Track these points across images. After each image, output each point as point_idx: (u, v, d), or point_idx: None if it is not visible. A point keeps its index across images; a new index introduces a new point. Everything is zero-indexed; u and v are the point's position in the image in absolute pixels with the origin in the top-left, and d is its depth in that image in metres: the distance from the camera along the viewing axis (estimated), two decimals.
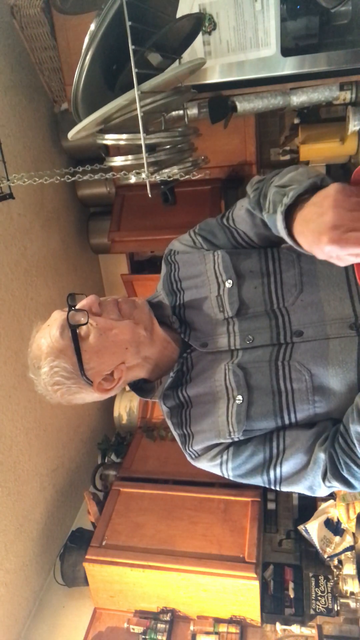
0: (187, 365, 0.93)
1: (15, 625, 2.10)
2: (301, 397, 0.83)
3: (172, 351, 0.95)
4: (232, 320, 0.89)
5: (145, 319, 0.91)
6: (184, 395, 0.92)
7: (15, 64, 2.07)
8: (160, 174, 1.01)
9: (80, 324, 0.84)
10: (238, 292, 0.89)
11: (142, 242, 2.47)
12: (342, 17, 1.46)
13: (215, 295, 0.91)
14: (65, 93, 2.18)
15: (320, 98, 1.77)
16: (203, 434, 0.89)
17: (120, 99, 0.87)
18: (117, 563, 1.98)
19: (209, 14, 1.45)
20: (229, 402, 0.86)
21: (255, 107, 1.77)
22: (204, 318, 0.92)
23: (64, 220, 2.58)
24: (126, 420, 2.84)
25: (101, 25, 0.81)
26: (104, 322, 0.86)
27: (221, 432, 0.86)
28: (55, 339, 0.85)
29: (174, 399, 0.93)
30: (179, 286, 0.97)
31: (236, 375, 0.86)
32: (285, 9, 1.40)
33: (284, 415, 0.84)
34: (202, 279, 0.94)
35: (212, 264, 0.93)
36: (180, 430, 0.92)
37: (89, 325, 0.85)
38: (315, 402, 0.83)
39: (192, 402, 0.92)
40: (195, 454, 0.91)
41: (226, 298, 0.90)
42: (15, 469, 2.07)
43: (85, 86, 0.89)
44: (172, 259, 1.00)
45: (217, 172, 2.37)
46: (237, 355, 0.88)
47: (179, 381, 0.94)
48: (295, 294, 0.87)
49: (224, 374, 0.88)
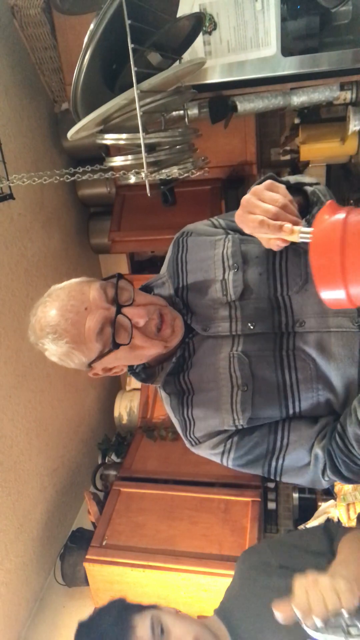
0: (189, 351, 0.92)
1: (15, 625, 2.10)
2: (306, 386, 0.83)
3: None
4: (235, 304, 0.88)
5: (176, 340, 0.90)
6: (185, 381, 0.91)
7: (15, 64, 2.07)
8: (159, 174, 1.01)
9: (123, 343, 0.81)
10: (243, 276, 0.88)
11: (143, 242, 2.47)
12: (343, 17, 1.46)
13: (220, 279, 0.90)
14: (65, 93, 2.19)
15: (320, 98, 1.77)
16: (206, 421, 0.88)
17: (119, 98, 0.87)
18: (117, 563, 1.98)
19: (209, 13, 1.45)
20: (234, 390, 0.85)
21: (255, 107, 1.77)
22: (207, 301, 0.91)
23: (64, 220, 2.58)
24: (126, 420, 2.84)
25: (100, 23, 0.81)
26: (142, 341, 0.84)
27: (225, 420, 0.85)
28: (90, 332, 0.80)
29: (175, 385, 0.92)
30: (184, 268, 0.96)
31: (242, 364, 0.85)
32: (285, 9, 1.40)
33: (289, 404, 0.84)
34: (208, 263, 0.93)
35: (222, 248, 0.93)
36: (181, 416, 0.91)
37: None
38: (319, 390, 0.83)
39: (193, 388, 0.91)
40: (196, 440, 0.90)
41: (230, 282, 0.89)
42: (15, 469, 2.07)
43: (85, 85, 0.89)
44: (184, 241, 0.99)
45: (218, 172, 2.37)
46: (238, 342, 0.87)
47: (180, 367, 0.92)
48: (300, 283, 0.86)
49: (228, 361, 0.86)
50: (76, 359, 0.83)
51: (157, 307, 0.87)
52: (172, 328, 0.87)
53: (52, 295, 0.87)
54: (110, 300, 0.83)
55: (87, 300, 0.82)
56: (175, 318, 0.89)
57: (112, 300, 0.83)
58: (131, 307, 0.82)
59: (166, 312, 0.88)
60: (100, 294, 0.82)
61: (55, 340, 0.81)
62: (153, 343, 0.85)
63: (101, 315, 0.80)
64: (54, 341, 0.81)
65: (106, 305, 0.82)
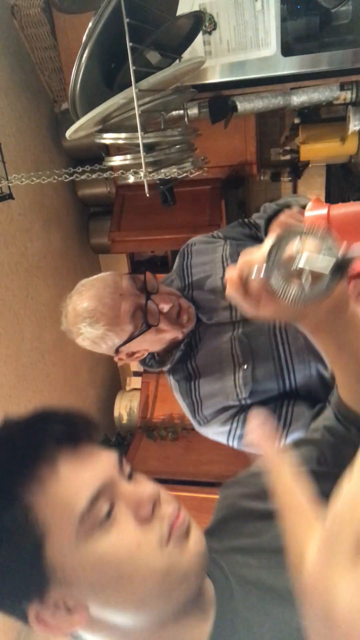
0: (195, 339, 1.05)
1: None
2: (298, 358, 0.95)
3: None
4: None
5: (190, 326, 1.03)
6: (192, 366, 1.04)
7: (15, 64, 2.07)
8: (158, 174, 1.00)
9: (153, 324, 0.93)
10: None
11: (143, 242, 2.47)
12: (343, 16, 1.46)
13: (220, 276, 1.04)
14: (65, 93, 2.18)
15: (320, 98, 1.77)
16: (212, 399, 0.98)
17: (118, 96, 0.87)
18: None
19: (209, 13, 1.45)
20: (236, 367, 0.97)
21: (255, 107, 1.77)
22: (210, 296, 1.05)
23: (64, 220, 2.58)
24: (126, 420, 2.84)
25: (99, 22, 0.81)
26: (165, 325, 0.97)
27: (229, 395, 0.96)
28: (125, 314, 0.92)
29: (183, 371, 1.04)
30: (189, 272, 1.11)
31: (242, 343, 0.98)
32: (285, 9, 1.40)
33: (285, 376, 0.95)
34: (210, 265, 1.08)
35: (221, 251, 1.08)
36: (189, 399, 1.01)
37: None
38: (310, 361, 0.94)
39: (200, 372, 1.02)
40: (205, 419, 0.99)
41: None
42: None
43: (83, 84, 0.89)
44: (188, 250, 1.15)
45: (217, 172, 2.37)
46: (238, 326, 1.00)
47: (188, 354, 1.05)
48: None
49: (230, 343, 0.99)
50: (110, 341, 0.94)
51: (176, 297, 1.01)
52: (188, 315, 1.01)
53: (86, 285, 0.99)
54: (140, 289, 0.96)
55: (121, 287, 0.95)
56: (190, 306, 1.03)
57: (141, 288, 0.96)
58: (157, 295, 0.97)
59: (183, 301, 1.02)
60: (131, 283, 0.96)
61: (92, 324, 0.92)
62: (174, 327, 0.98)
63: (134, 300, 0.93)
64: (91, 325, 0.92)
65: (137, 293, 0.95)
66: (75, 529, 0.44)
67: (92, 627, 0.48)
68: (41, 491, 0.45)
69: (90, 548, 0.45)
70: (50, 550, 0.44)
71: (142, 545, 0.46)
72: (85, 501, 0.45)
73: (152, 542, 0.47)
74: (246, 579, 0.54)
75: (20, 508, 0.45)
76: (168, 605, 0.48)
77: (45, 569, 0.44)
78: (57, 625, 0.46)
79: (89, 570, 0.45)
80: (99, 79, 0.94)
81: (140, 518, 0.48)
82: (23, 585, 0.46)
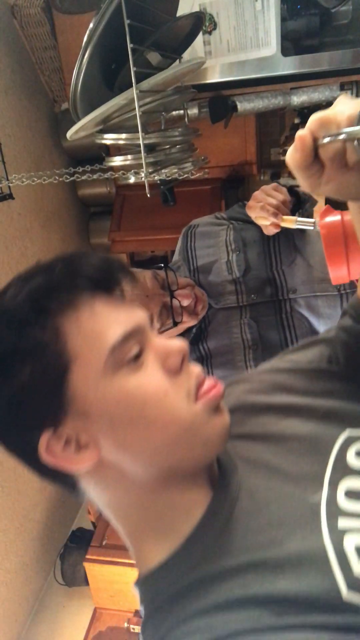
0: (205, 323, 1.10)
1: (15, 625, 2.10)
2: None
3: None
4: (239, 280, 1.08)
5: (204, 312, 1.08)
6: (204, 347, 1.10)
7: (15, 64, 2.07)
8: (159, 174, 1.01)
9: (178, 322, 1.00)
10: (245, 257, 1.08)
11: (143, 242, 2.47)
12: (343, 16, 1.46)
13: (225, 260, 1.10)
14: (65, 93, 2.18)
15: (320, 98, 1.77)
16: (225, 379, 1.01)
17: (118, 97, 0.87)
18: (117, 563, 1.98)
19: (209, 13, 1.45)
20: (246, 350, 1.05)
21: (255, 107, 1.77)
22: (216, 280, 1.10)
23: (64, 220, 2.58)
24: None
25: (99, 23, 0.81)
26: (187, 318, 1.03)
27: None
28: (153, 314, 0.97)
29: (195, 352, 1.11)
30: (193, 254, 1.15)
31: (251, 327, 1.05)
32: (285, 9, 1.40)
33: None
34: (214, 248, 1.12)
35: (225, 235, 1.13)
36: None
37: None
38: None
39: (211, 353, 1.09)
40: None
41: (234, 262, 1.08)
42: (15, 468, 2.06)
43: (84, 85, 0.89)
44: (192, 233, 1.18)
45: (217, 172, 2.37)
46: (245, 311, 1.07)
47: (198, 337, 1.10)
48: (290, 259, 1.08)
49: (240, 328, 1.06)
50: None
51: (192, 288, 1.06)
52: (203, 304, 1.06)
53: None
54: (162, 287, 1.00)
55: (148, 289, 0.99)
56: (203, 294, 1.08)
57: (163, 286, 1.00)
58: (178, 291, 1.01)
59: (197, 290, 1.07)
60: (155, 282, 1.00)
61: None
62: (192, 317, 1.04)
63: (160, 300, 0.98)
64: None
65: (161, 292, 0.99)
66: (104, 361, 0.44)
67: (98, 472, 0.47)
68: (75, 318, 0.45)
69: (117, 383, 0.44)
70: (75, 379, 0.44)
71: (170, 395, 0.46)
72: (118, 335, 0.45)
73: (180, 393, 0.46)
74: (251, 459, 0.53)
75: (52, 327, 0.44)
76: (181, 463, 0.48)
77: (66, 397, 0.44)
78: (66, 458, 0.45)
79: (112, 404, 0.44)
80: (99, 79, 0.94)
81: (168, 368, 0.47)
82: (42, 409, 0.44)
